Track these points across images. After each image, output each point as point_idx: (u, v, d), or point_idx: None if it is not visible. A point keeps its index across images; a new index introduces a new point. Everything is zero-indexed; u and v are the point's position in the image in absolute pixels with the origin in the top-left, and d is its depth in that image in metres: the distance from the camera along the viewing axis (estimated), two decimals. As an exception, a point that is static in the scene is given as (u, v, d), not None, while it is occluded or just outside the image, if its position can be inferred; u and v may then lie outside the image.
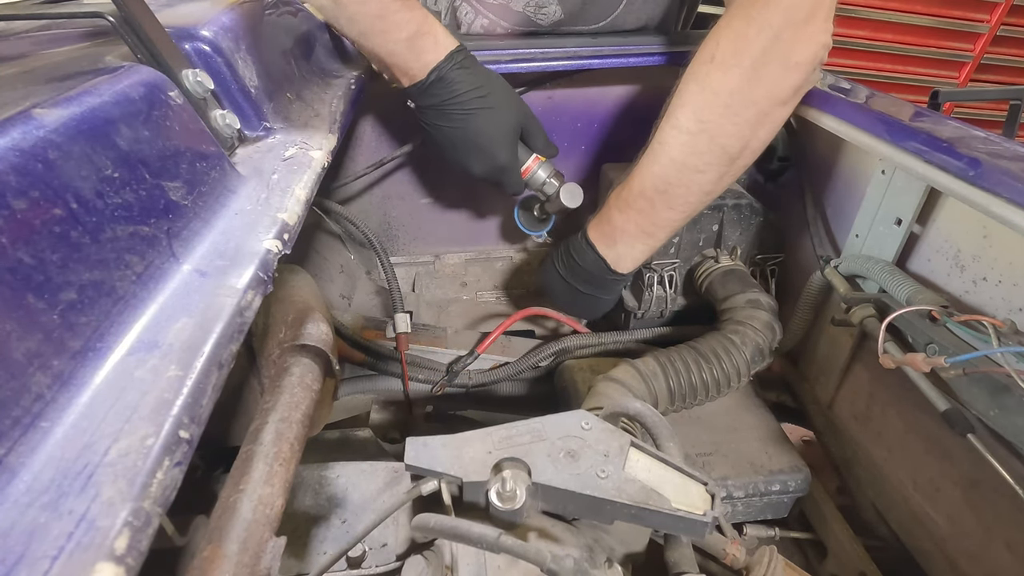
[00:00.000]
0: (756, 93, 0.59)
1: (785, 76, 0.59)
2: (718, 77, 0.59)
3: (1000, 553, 0.55)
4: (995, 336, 0.48)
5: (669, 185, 0.64)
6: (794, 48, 0.57)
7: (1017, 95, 0.79)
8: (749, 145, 0.62)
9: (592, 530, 0.50)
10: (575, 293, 0.77)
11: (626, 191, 0.68)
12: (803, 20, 0.56)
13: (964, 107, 2.61)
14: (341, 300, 0.90)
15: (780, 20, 0.56)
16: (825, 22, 0.58)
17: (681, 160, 0.63)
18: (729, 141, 0.61)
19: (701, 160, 0.62)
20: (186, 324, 0.31)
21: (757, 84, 0.58)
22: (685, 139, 0.62)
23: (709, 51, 0.60)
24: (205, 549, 0.36)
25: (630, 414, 0.55)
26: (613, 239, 0.71)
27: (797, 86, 0.60)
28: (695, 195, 0.65)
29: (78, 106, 0.32)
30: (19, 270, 0.26)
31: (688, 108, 0.61)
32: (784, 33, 0.57)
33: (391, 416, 0.86)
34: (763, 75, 0.58)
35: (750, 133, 0.61)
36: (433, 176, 1.00)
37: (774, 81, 0.59)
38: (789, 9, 0.56)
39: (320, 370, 0.54)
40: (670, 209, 0.66)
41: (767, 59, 0.57)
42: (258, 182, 0.44)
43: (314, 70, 0.68)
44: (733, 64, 0.58)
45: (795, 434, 0.84)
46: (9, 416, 0.24)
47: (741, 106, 0.59)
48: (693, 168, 0.63)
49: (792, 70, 0.58)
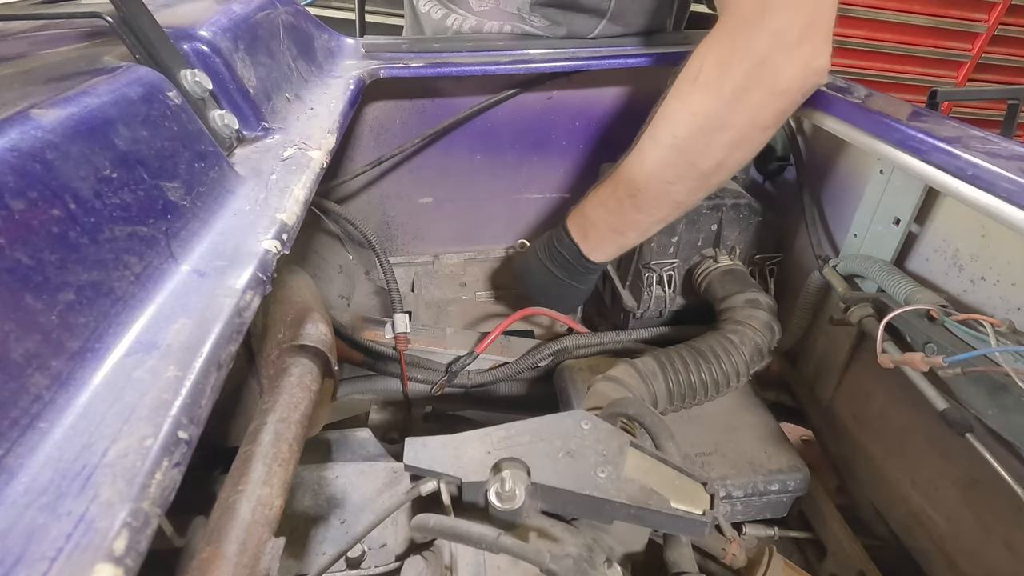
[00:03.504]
0: (735, 118, 0.57)
1: (769, 103, 0.57)
2: (698, 99, 0.58)
3: (999, 552, 0.56)
4: (993, 335, 0.48)
5: (639, 191, 0.65)
6: (781, 74, 0.55)
7: (1015, 95, 0.79)
8: (724, 165, 0.61)
9: (591, 530, 0.50)
10: (551, 278, 0.78)
11: (602, 189, 0.69)
12: (794, 43, 0.53)
13: (962, 107, 2.62)
14: (340, 300, 0.90)
15: (766, 45, 0.54)
16: (823, 43, 0.54)
17: (652, 170, 0.63)
18: (700, 159, 0.60)
19: (672, 173, 0.62)
20: (185, 325, 0.31)
21: (737, 110, 0.57)
22: (658, 151, 0.62)
23: (694, 71, 0.58)
24: (204, 550, 0.36)
25: (629, 414, 0.55)
26: (586, 232, 0.73)
27: (782, 111, 0.58)
28: (665, 204, 0.66)
29: (76, 106, 0.32)
30: (17, 271, 0.26)
31: (666, 123, 0.61)
32: (772, 58, 0.54)
33: (390, 416, 0.86)
34: (745, 101, 0.56)
35: (725, 155, 0.60)
36: (432, 176, 1.00)
37: (756, 108, 0.57)
38: (778, 32, 0.53)
39: (319, 371, 0.54)
40: (638, 212, 0.67)
41: (750, 85, 0.55)
42: (257, 182, 0.44)
43: (313, 70, 0.68)
44: (714, 88, 0.57)
45: (794, 434, 0.84)
46: (8, 417, 0.24)
47: (717, 129, 0.58)
48: (663, 179, 0.63)
49: (778, 97, 0.56)
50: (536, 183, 1.04)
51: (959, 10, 2.36)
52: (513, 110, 0.93)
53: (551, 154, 1.00)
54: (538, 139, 0.98)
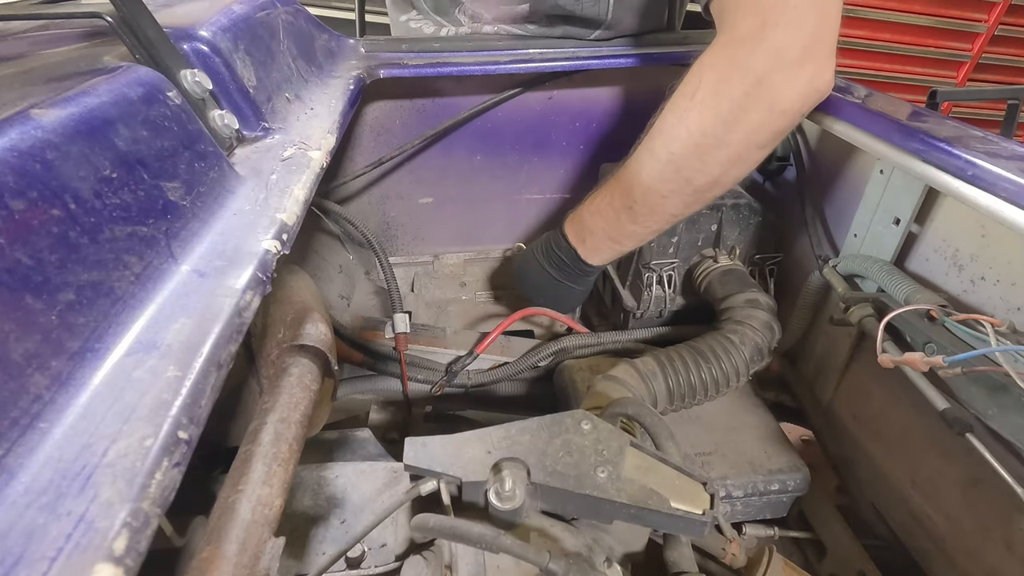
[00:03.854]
0: (731, 137, 0.56)
1: (768, 123, 0.55)
2: (695, 116, 0.57)
3: (999, 551, 0.56)
4: (993, 335, 0.48)
5: (635, 203, 0.65)
6: (781, 95, 0.53)
7: (1015, 95, 0.79)
8: (719, 182, 0.61)
9: (591, 530, 0.50)
10: (548, 279, 0.78)
11: (599, 196, 0.69)
12: (795, 61, 0.51)
13: (962, 107, 2.61)
14: (340, 300, 0.90)
15: (766, 64, 0.52)
16: (826, 61, 0.53)
17: (647, 184, 0.63)
18: (696, 176, 0.60)
19: (666, 187, 0.62)
20: (185, 324, 0.31)
21: (734, 129, 0.55)
22: (654, 165, 0.61)
23: (691, 87, 0.57)
24: (204, 550, 0.36)
25: (629, 414, 0.55)
26: (583, 238, 0.73)
27: (780, 131, 0.57)
28: (659, 217, 0.66)
29: (76, 106, 0.32)
30: (17, 271, 0.26)
31: (662, 138, 0.60)
32: (772, 77, 0.52)
33: (390, 416, 0.86)
34: (742, 121, 0.55)
35: (720, 172, 0.59)
36: (432, 176, 1.00)
37: (754, 127, 0.55)
38: (778, 51, 0.51)
39: (319, 370, 0.54)
40: (634, 223, 0.67)
41: (748, 105, 0.54)
42: (257, 182, 0.44)
43: (313, 70, 0.68)
44: (711, 106, 0.56)
45: (794, 433, 0.84)
46: (8, 417, 0.24)
47: (714, 147, 0.57)
48: (658, 193, 0.63)
49: (777, 117, 0.55)
50: (536, 183, 1.04)
51: (959, 10, 2.35)
52: (513, 110, 0.93)
53: (551, 154, 1.00)
54: (538, 139, 0.98)
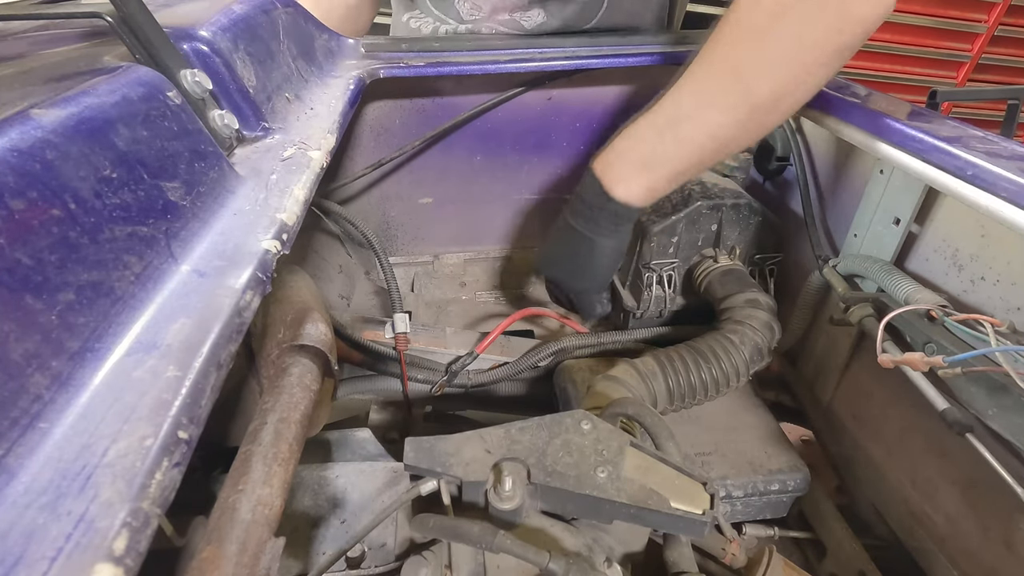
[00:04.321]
0: (804, 39, 0.53)
1: (842, 29, 0.52)
2: (760, 19, 0.54)
3: (999, 552, 0.56)
4: (993, 335, 0.48)
5: (680, 118, 0.60)
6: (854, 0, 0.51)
7: (1015, 95, 0.79)
8: (780, 100, 0.57)
9: (591, 530, 0.50)
10: (568, 233, 0.71)
11: (638, 121, 0.64)
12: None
13: (962, 107, 2.61)
14: (340, 300, 0.90)
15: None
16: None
17: (701, 96, 0.59)
18: (757, 84, 0.56)
19: (724, 101, 0.58)
20: (184, 324, 0.31)
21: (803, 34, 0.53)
22: (712, 74, 0.58)
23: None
24: (204, 550, 0.36)
25: (629, 414, 0.55)
26: (609, 162, 0.66)
27: (848, 44, 0.54)
28: (703, 134, 0.60)
29: (76, 106, 0.32)
30: (17, 271, 0.26)
31: (722, 44, 0.57)
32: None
33: (390, 416, 0.86)
34: (815, 21, 0.52)
35: (781, 86, 0.56)
36: (432, 177, 1.00)
37: (824, 35, 0.53)
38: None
39: (319, 370, 0.54)
40: (675, 143, 0.61)
41: (824, 3, 0.51)
42: (257, 182, 0.44)
43: (313, 70, 0.68)
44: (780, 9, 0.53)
45: (794, 433, 0.84)
46: (7, 417, 0.24)
47: (778, 56, 0.54)
48: (709, 103, 0.58)
49: (851, 23, 0.52)
50: (536, 184, 1.04)
51: (959, 10, 2.36)
52: (513, 111, 0.93)
53: (552, 155, 1.00)
54: (538, 140, 0.98)
